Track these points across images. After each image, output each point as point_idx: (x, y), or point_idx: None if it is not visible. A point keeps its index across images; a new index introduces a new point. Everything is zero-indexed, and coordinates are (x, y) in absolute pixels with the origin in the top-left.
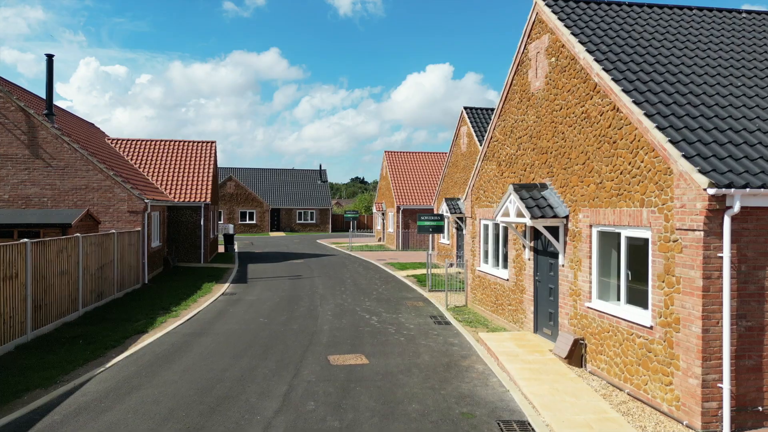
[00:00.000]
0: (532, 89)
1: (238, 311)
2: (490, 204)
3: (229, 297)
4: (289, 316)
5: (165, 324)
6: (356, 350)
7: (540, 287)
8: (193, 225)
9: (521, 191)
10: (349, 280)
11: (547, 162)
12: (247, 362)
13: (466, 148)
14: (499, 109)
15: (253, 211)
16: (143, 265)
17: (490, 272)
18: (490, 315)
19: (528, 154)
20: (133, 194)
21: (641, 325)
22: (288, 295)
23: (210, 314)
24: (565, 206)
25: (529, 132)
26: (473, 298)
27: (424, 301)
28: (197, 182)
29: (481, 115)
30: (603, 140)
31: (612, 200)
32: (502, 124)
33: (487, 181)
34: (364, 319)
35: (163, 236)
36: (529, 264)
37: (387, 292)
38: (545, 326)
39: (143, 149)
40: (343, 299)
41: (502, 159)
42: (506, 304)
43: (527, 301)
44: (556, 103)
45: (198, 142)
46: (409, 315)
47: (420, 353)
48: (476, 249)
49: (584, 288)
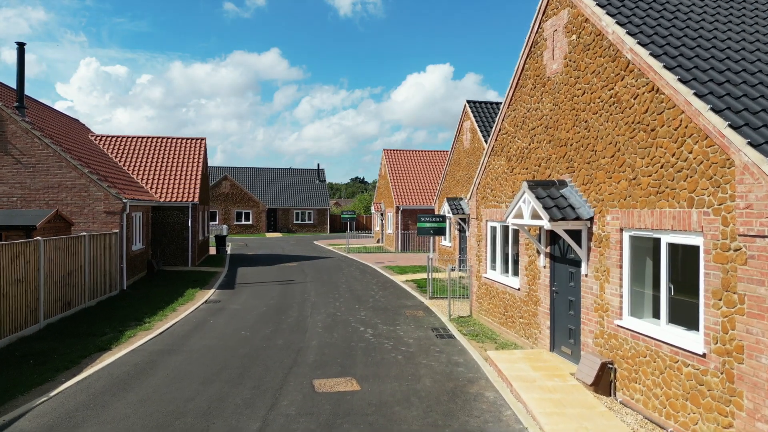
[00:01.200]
0: (548, 73)
1: (219, 323)
2: (499, 204)
3: (211, 305)
4: (274, 328)
5: (133, 339)
6: (347, 372)
7: (558, 299)
8: (180, 226)
9: (537, 189)
10: (344, 286)
11: (566, 156)
12: (218, 389)
13: (469, 145)
14: (508, 98)
15: (249, 212)
16: (121, 270)
17: (498, 280)
18: (498, 327)
19: (543, 147)
20: (110, 193)
21: (690, 352)
22: (276, 304)
23: (187, 326)
24: (588, 206)
25: (544, 122)
26: (479, 308)
27: (424, 310)
28: (185, 181)
29: (485, 109)
30: (637, 128)
31: (649, 199)
32: (513, 115)
33: (495, 178)
34: (358, 333)
35: (146, 238)
36: (544, 272)
37: (384, 299)
38: (564, 344)
39: (129, 147)
40: (336, 308)
41: (512, 153)
42: (517, 317)
43: (542, 315)
44: (578, 87)
45: (187, 139)
46: (408, 327)
47: (420, 376)
48: (482, 254)
49: (613, 303)
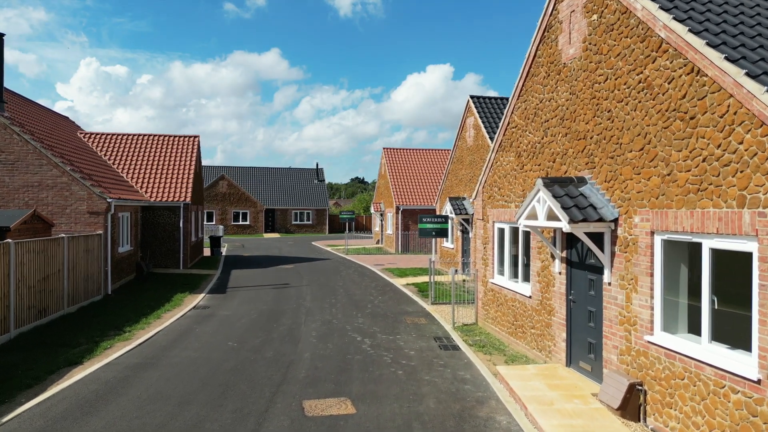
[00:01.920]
0: (563, 59)
1: (206, 331)
2: (507, 204)
3: (200, 312)
4: (265, 338)
5: (109, 351)
6: (341, 391)
7: (575, 309)
8: (171, 227)
9: (553, 187)
10: (342, 290)
11: (585, 150)
12: (195, 413)
13: (472, 142)
14: (518, 89)
15: (247, 212)
16: (106, 273)
17: (506, 286)
18: (507, 337)
19: (558, 140)
20: (93, 192)
21: (740, 377)
22: (269, 310)
23: (170, 335)
24: (612, 206)
25: (559, 113)
26: (485, 316)
27: (426, 317)
28: (177, 180)
29: (489, 104)
30: (672, 116)
31: (688, 198)
32: (523, 107)
33: (503, 176)
34: (355, 343)
35: (135, 240)
36: (559, 279)
37: (384, 304)
38: (583, 359)
39: (120, 145)
40: (332, 314)
41: (522, 149)
42: (528, 327)
43: (557, 326)
44: (599, 73)
45: (179, 137)
46: (409, 336)
47: (423, 396)
48: (489, 257)
49: (643, 315)
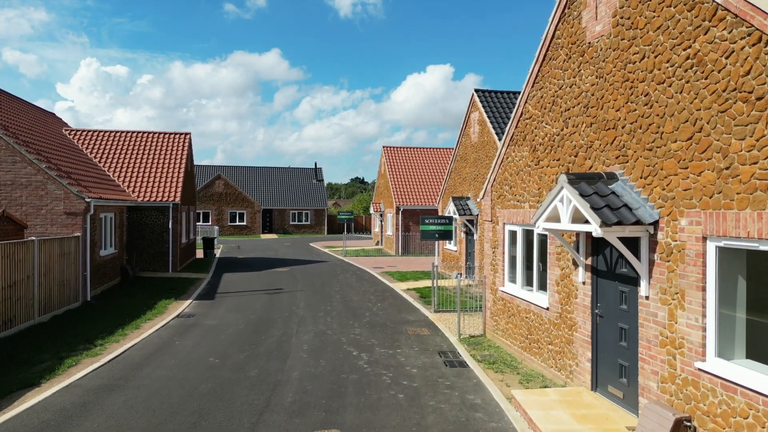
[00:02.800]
0: (588, 38)
1: (186, 345)
2: (520, 204)
3: (183, 321)
4: (250, 352)
5: (74, 369)
6: (332, 421)
7: (603, 325)
8: (160, 228)
9: (580, 184)
10: (338, 296)
11: (615, 141)
12: None
13: (477, 138)
14: (533, 75)
15: (244, 212)
16: (84, 278)
17: (519, 295)
18: (519, 353)
19: (582, 131)
20: (70, 192)
21: None
22: (258, 318)
23: (146, 350)
24: (650, 207)
25: (583, 100)
26: (494, 327)
27: (429, 327)
28: (166, 179)
29: (496, 98)
30: (733, 97)
31: (756, 196)
32: (539, 95)
33: (515, 172)
34: (351, 359)
35: (120, 242)
36: (583, 289)
37: (383, 312)
38: (613, 384)
39: (108, 142)
40: (326, 324)
41: (538, 142)
42: (545, 342)
43: (580, 343)
44: (634, 51)
45: (170, 134)
46: (410, 350)
47: (427, 428)
48: (498, 262)
49: (691, 338)
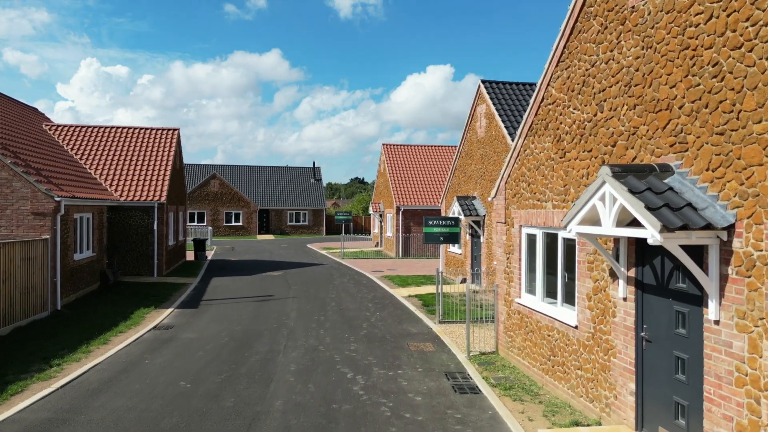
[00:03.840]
0: (630, 1)
1: (156, 364)
2: (541, 203)
3: (159, 334)
4: (229, 374)
5: (18, 397)
6: None
7: (651, 352)
8: (144, 230)
9: (628, 179)
10: (333, 303)
11: (670, 125)
12: None
13: (484, 133)
14: (557, 53)
15: (240, 212)
16: (54, 285)
17: (539, 309)
18: (540, 376)
19: (622, 115)
20: (39, 190)
21: None
22: (244, 331)
23: (108, 371)
24: (721, 207)
25: (624, 78)
26: (509, 344)
27: (433, 342)
28: (152, 177)
29: (504, 90)
30: None
31: None
32: (565, 75)
33: (535, 167)
34: (344, 382)
35: (99, 244)
36: (624, 306)
37: (382, 323)
38: (665, 425)
39: (90, 138)
40: (319, 338)
41: (564, 131)
42: (572, 366)
43: (621, 371)
44: (695, 11)
45: (157, 130)
46: (413, 371)
47: None
48: (514, 270)
49: None
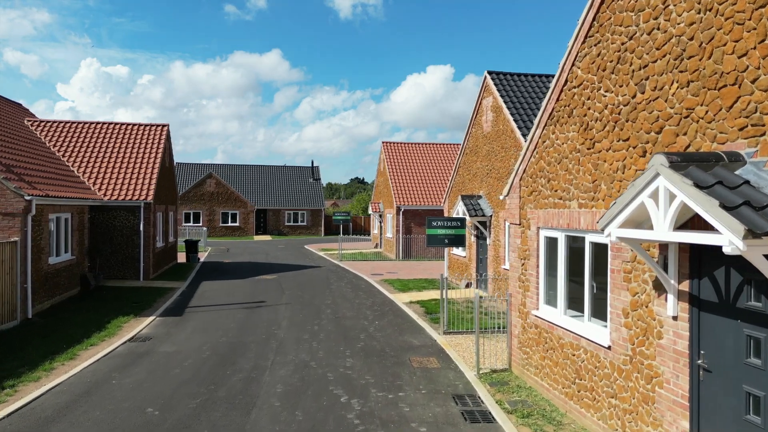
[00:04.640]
0: None
1: (124, 385)
2: (564, 201)
3: (135, 347)
4: (206, 398)
5: None
6: None
7: (711, 384)
8: (130, 231)
9: (690, 169)
10: (329, 311)
11: (739, 104)
12: None
13: (490, 128)
14: (584, 27)
15: (236, 212)
16: (24, 291)
17: (561, 324)
18: (562, 401)
19: (671, 95)
20: (7, 188)
21: None
22: (228, 343)
23: (68, 394)
24: None
25: (673, 49)
26: (524, 361)
27: (438, 356)
28: (138, 176)
29: (513, 82)
30: None
31: None
32: (594, 52)
33: (556, 160)
34: (337, 408)
35: (79, 247)
36: (674, 326)
37: (381, 334)
38: None
39: (75, 134)
40: (311, 352)
41: (593, 117)
42: (604, 393)
43: (669, 405)
44: None
45: (145, 126)
46: (416, 393)
47: None
48: (530, 278)
49: None
